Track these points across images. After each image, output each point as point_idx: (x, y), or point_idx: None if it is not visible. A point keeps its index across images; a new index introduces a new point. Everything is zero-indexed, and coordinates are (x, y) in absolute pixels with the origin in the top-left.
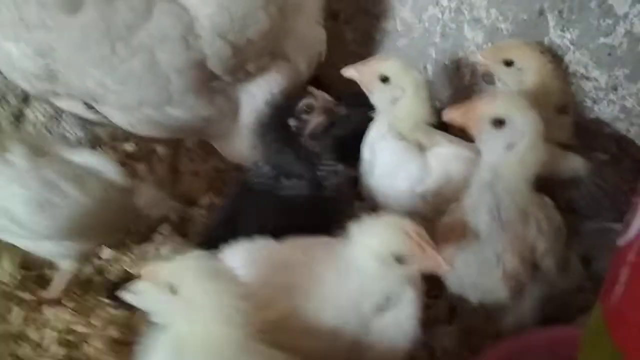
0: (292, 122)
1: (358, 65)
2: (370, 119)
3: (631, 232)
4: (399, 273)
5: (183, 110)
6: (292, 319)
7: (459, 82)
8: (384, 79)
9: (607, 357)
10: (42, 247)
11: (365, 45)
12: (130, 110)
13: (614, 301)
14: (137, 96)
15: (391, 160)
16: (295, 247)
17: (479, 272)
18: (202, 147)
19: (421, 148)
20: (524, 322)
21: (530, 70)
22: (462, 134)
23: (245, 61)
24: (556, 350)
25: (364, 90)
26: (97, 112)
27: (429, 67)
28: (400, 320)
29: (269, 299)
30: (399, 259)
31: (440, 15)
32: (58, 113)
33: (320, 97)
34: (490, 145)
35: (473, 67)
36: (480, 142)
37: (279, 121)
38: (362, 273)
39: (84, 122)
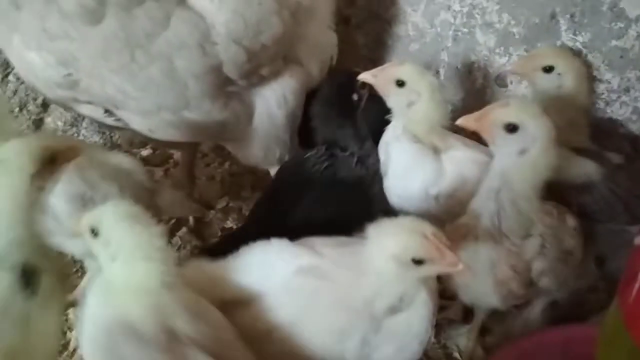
0: (354, 97)
1: (374, 70)
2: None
3: None
4: (415, 275)
5: (199, 114)
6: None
7: (471, 86)
8: (400, 83)
9: (625, 354)
10: (77, 246)
11: (377, 50)
12: (149, 115)
13: (632, 299)
14: (156, 102)
15: (405, 162)
16: (309, 248)
17: (472, 276)
18: (218, 151)
19: (436, 151)
20: (531, 325)
21: (571, 74)
22: (475, 137)
23: (259, 66)
24: (570, 349)
25: (381, 93)
26: (116, 118)
27: (441, 71)
28: (412, 322)
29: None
30: (417, 262)
31: (452, 20)
32: (77, 120)
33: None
34: (504, 150)
35: (485, 71)
36: (494, 147)
37: (344, 96)
38: (378, 275)
39: (102, 128)
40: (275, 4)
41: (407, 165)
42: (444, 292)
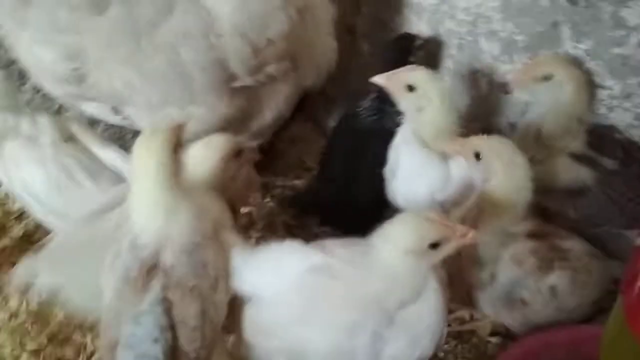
0: (411, 59)
1: (388, 72)
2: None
3: None
4: (433, 261)
5: (205, 109)
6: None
7: (475, 93)
8: (411, 88)
9: (629, 352)
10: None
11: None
12: (155, 110)
13: (634, 299)
14: (163, 95)
15: (412, 166)
16: (321, 248)
17: None
18: None
19: (444, 157)
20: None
21: (570, 83)
22: None
23: (265, 63)
24: (577, 348)
25: (393, 97)
26: (123, 116)
27: (447, 79)
28: (423, 313)
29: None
30: (433, 246)
31: (457, 28)
32: (91, 125)
33: None
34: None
35: (489, 78)
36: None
37: (404, 59)
38: (390, 272)
39: (117, 134)
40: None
41: (414, 170)
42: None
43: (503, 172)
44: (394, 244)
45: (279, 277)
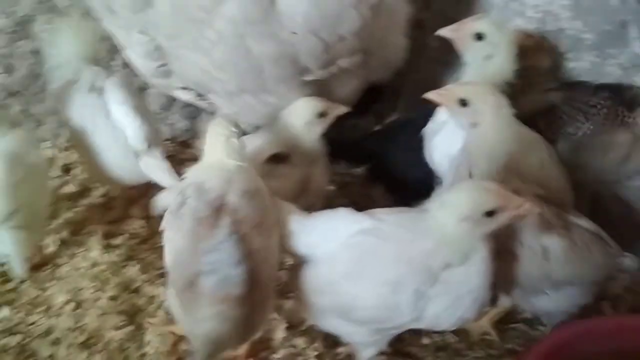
0: None
1: (454, 24)
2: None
3: None
4: (488, 229)
5: (277, 98)
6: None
7: None
8: (479, 36)
9: None
10: None
11: (449, 54)
12: (232, 97)
13: None
14: (237, 83)
15: (448, 147)
16: (371, 215)
17: None
18: None
19: None
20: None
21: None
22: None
23: (337, 57)
24: (620, 337)
25: (458, 49)
26: (209, 101)
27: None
28: (469, 275)
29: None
30: (489, 214)
31: (525, 25)
32: (170, 105)
33: None
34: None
35: (555, 74)
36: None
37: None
38: (440, 234)
39: (192, 113)
40: None
41: (449, 150)
42: None
43: (491, 113)
44: (451, 210)
45: (331, 240)
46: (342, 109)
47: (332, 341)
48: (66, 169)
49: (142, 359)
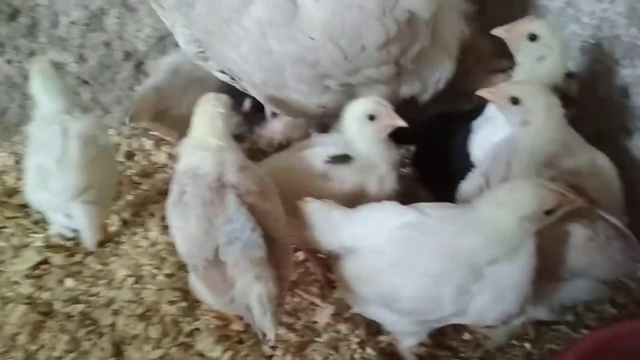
0: None
1: (507, 25)
2: None
3: None
4: (543, 224)
5: (299, 96)
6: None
7: (592, 95)
8: (533, 37)
9: None
10: None
11: (503, 58)
12: (258, 88)
13: None
14: (260, 77)
15: (488, 142)
16: (416, 209)
17: None
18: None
19: None
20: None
21: None
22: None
23: (362, 67)
24: None
25: (511, 48)
26: (241, 86)
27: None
28: (513, 270)
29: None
30: (548, 212)
31: (580, 32)
32: None
33: None
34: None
35: (608, 81)
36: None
37: None
38: (489, 230)
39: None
40: (377, 10)
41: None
42: None
43: (543, 113)
44: (512, 209)
45: (377, 232)
46: (397, 122)
47: (374, 329)
48: (129, 155)
49: (194, 333)
